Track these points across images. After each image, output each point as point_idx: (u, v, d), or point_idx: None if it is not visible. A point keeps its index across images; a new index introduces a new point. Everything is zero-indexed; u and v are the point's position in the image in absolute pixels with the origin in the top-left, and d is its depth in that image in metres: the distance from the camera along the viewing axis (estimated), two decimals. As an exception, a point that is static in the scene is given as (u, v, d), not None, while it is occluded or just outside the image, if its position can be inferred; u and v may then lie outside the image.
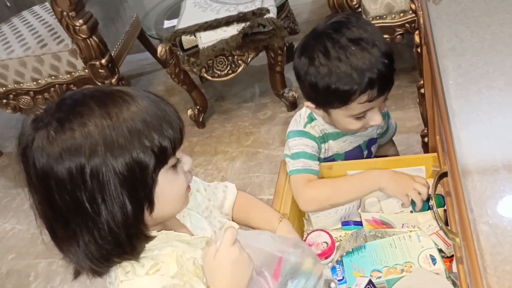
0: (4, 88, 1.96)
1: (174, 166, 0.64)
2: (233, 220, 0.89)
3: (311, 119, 0.98)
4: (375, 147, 1.10)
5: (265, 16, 1.65)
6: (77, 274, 0.67)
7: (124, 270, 0.64)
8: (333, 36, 0.85)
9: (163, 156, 0.61)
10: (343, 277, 0.89)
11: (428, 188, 0.87)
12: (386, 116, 1.09)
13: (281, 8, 1.80)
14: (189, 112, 2.02)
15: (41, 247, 1.73)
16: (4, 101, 2.00)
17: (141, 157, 0.59)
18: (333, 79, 0.83)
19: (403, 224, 0.93)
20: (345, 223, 0.99)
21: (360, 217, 0.97)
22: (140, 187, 0.61)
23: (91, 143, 0.58)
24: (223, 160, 1.87)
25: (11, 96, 1.98)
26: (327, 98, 0.87)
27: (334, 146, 1.00)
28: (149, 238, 0.66)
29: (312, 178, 0.95)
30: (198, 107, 2.02)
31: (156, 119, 0.61)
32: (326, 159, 1.03)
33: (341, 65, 0.82)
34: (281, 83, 1.88)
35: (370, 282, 0.82)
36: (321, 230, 0.96)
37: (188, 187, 0.69)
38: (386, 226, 0.95)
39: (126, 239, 0.62)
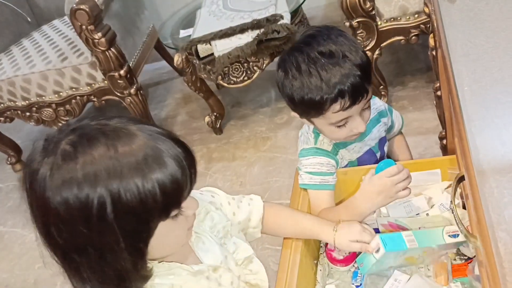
0: (27, 102, 2.02)
1: (176, 215, 0.62)
2: (263, 232, 0.90)
3: (317, 133, 1.00)
4: (387, 146, 1.10)
5: (279, 22, 1.66)
6: None
7: None
8: (304, 49, 0.87)
9: (165, 212, 0.60)
10: (361, 284, 0.90)
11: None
12: (389, 112, 1.09)
13: (294, 13, 1.82)
14: (207, 119, 2.05)
15: (67, 255, 1.78)
16: (27, 114, 2.06)
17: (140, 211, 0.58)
18: (305, 90, 0.86)
19: (419, 228, 0.93)
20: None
21: (376, 222, 0.97)
22: (134, 236, 0.60)
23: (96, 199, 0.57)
24: (241, 165, 1.89)
25: (34, 109, 2.04)
26: (303, 108, 0.90)
27: (345, 155, 1.01)
28: (146, 277, 0.65)
29: (330, 195, 0.97)
30: (215, 113, 2.04)
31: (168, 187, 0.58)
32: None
33: (311, 79, 0.85)
34: (297, 87, 1.89)
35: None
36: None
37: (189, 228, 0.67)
38: (403, 230, 0.94)
39: (118, 281, 0.62)
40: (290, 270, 0.84)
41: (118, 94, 1.97)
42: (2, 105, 2.04)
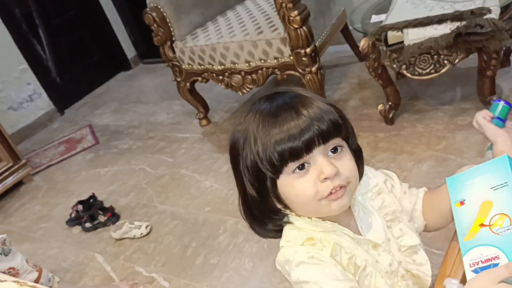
0: (222, 67, 2.28)
1: (301, 170, 0.67)
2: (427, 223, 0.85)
3: None
4: None
5: (485, 16, 1.53)
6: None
7: (286, 239, 0.75)
8: None
9: (275, 167, 0.67)
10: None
11: None
12: None
13: (505, 8, 1.64)
14: (380, 107, 2.03)
15: (231, 206, 1.99)
16: (220, 77, 2.33)
17: (259, 164, 0.68)
18: None
19: None
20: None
21: None
22: (262, 182, 0.70)
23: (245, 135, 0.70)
24: (408, 160, 1.83)
25: (227, 74, 2.29)
26: None
27: None
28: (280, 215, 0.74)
29: None
30: (390, 103, 2.01)
31: (281, 135, 0.66)
32: None
33: None
34: (490, 89, 1.73)
35: None
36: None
37: (331, 194, 0.68)
38: None
39: (262, 217, 0.74)
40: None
41: (300, 70, 2.09)
42: (202, 66, 2.35)
